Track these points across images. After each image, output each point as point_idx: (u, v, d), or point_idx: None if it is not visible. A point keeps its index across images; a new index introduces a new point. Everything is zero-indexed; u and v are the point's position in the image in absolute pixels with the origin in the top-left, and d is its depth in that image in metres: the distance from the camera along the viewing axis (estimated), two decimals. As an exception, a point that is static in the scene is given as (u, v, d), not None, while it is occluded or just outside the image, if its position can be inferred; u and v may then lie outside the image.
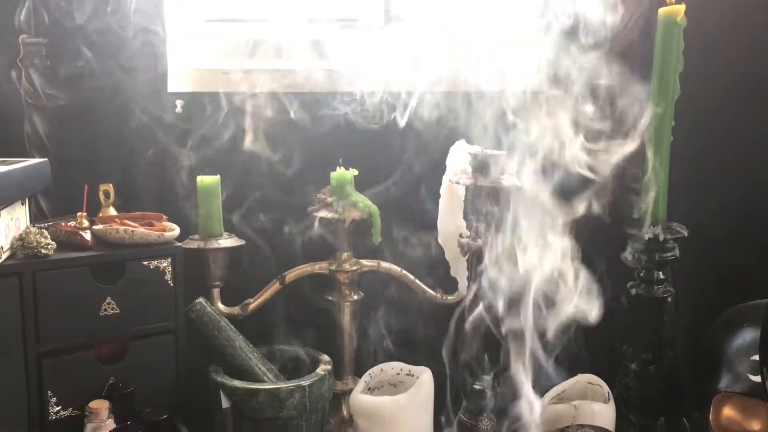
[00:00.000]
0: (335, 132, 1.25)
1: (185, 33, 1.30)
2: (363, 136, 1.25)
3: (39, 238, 1.01)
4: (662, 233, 1.12)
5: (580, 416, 1.06)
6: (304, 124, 1.25)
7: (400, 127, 1.21)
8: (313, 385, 1.09)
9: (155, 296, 1.08)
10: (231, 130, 1.23)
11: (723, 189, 1.29)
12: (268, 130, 1.24)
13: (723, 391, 1.05)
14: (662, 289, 1.15)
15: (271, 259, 1.24)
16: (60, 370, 1.02)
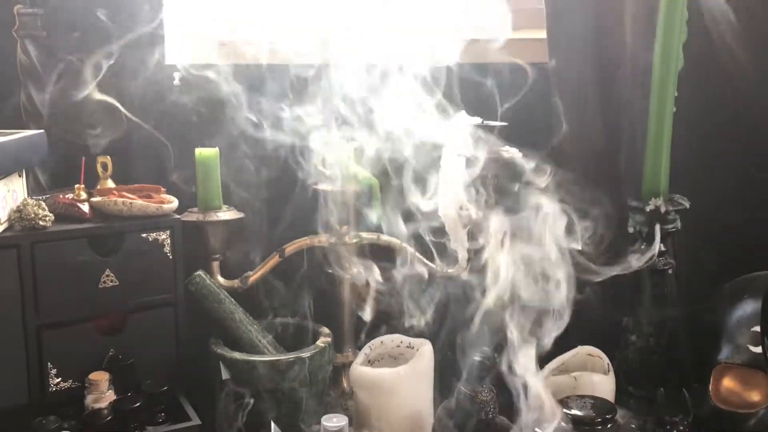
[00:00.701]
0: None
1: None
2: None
3: (37, 210, 1.00)
4: (664, 205, 1.12)
5: (580, 387, 1.06)
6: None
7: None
8: (313, 357, 1.09)
9: (154, 269, 1.08)
10: (229, 103, 1.22)
11: (725, 160, 1.28)
12: (267, 103, 1.23)
13: (723, 362, 1.05)
14: (663, 262, 1.15)
15: (270, 232, 1.24)
16: (60, 342, 1.02)
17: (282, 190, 1.23)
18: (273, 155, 1.23)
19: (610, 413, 0.94)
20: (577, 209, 1.09)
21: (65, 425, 0.96)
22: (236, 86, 1.17)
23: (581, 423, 0.93)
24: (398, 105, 1.13)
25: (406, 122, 1.17)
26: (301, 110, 1.18)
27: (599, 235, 1.11)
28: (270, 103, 1.18)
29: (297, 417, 1.09)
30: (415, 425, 1.10)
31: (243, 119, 1.18)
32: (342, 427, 0.96)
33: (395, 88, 1.13)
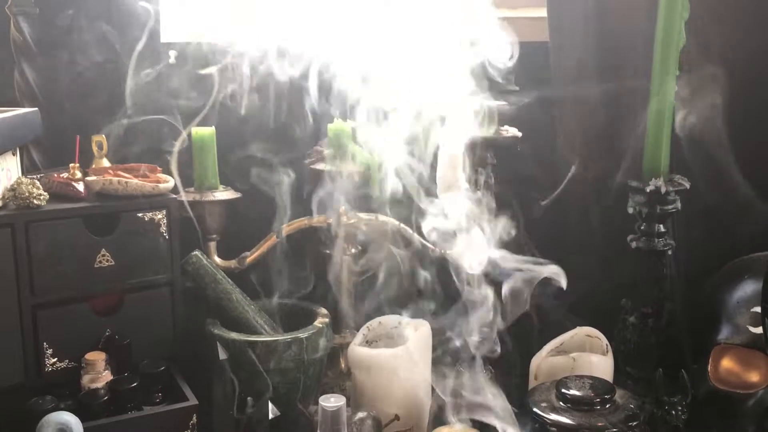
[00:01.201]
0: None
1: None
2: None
3: (31, 189, 0.99)
4: (664, 185, 1.11)
5: (578, 368, 1.05)
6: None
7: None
8: (310, 337, 1.09)
9: (150, 248, 1.07)
10: (227, 80, 1.21)
11: (725, 140, 1.27)
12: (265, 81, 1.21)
13: (722, 342, 1.05)
14: (663, 242, 1.14)
15: (268, 213, 1.23)
16: (55, 321, 1.02)
17: (279, 168, 1.21)
18: (272, 132, 1.23)
19: (608, 393, 0.94)
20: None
21: (61, 405, 0.96)
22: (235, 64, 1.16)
23: (580, 403, 0.93)
24: (398, 84, 1.13)
25: (404, 102, 1.17)
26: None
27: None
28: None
29: (294, 397, 1.08)
30: (414, 405, 1.09)
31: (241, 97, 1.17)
32: (340, 407, 0.95)
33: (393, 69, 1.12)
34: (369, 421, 1.01)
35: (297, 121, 1.22)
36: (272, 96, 1.21)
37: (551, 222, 1.32)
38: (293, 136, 1.23)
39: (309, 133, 1.21)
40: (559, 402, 0.94)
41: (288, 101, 1.22)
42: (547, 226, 1.31)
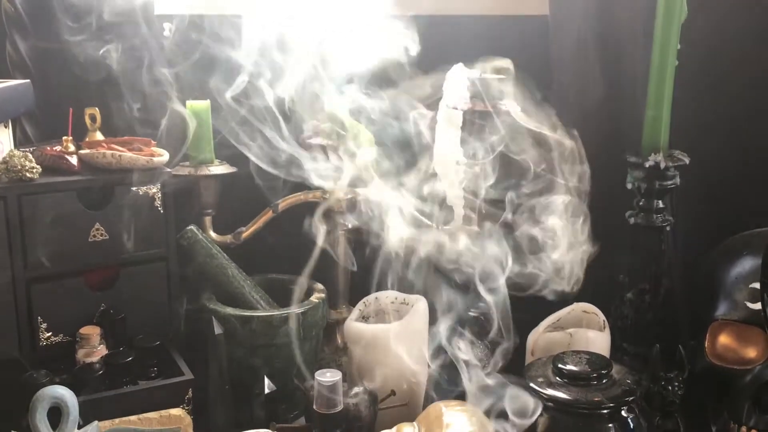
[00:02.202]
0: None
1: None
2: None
3: (24, 162, 0.98)
4: (663, 161, 1.10)
5: (575, 343, 1.05)
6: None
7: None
8: (306, 312, 1.08)
9: (145, 223, 1.06)
10: (224, 54, 1.19)
11: (727, 116, 1.26)
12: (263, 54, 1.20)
13: (720, 318, 1.05)
14: (661, 218, 1.14)
15: (263, 187, 1.22)
16: (50, 296, 1.01)
17: (275, 144, 1.20)
18: (266, 108, 1.21)
19: (605, 368, 0.94)
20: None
21: (56, 379, 0.95)
22: (228, 38, 1.14)
23: (576, 378, 0.93)
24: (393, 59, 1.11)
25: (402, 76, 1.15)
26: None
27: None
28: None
29: (290, 372, 1.08)
30: (410, 381, 1.09)
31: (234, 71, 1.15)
32: (335, 381, 0.95)
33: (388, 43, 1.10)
34: (365, 396, 1.01)
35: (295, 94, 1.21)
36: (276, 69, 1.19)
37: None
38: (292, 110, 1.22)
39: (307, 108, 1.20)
40: (555, 377, 0.94)
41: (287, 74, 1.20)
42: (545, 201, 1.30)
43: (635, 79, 1.21)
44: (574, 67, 1.27)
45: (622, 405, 0.91)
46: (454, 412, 0.94)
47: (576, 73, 1.28)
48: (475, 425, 0.92)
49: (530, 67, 1.17)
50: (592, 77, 1.27)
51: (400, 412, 1.03)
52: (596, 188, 1.30)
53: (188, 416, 0.98)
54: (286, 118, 1.14)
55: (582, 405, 0.90)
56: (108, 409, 0.94)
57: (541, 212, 1.11)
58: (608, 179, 1.26)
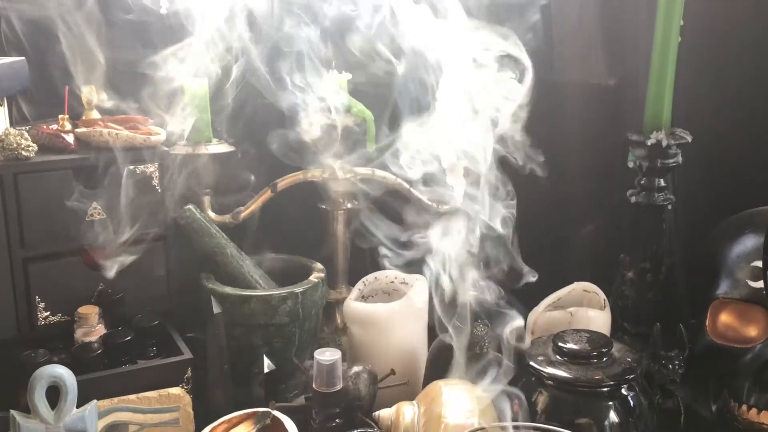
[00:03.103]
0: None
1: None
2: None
3: (19, 140, 0.97)
4: (665, 138, 1.09)
5: (576, 322, 1.05)
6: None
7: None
8: (305, 292, 1.08)
9: (143, 202, 1.05)
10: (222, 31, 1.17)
11: (729, 93, 1.25)
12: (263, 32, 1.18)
13: (721, 297, 1.04)
14: (663, 197, 1.13)
15: (262, 167, 1.21)
16: (47, 275, 1.00)
17: (274, 123, 1.19)
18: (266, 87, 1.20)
19: (605, 347, 0.93)
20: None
21: (54, 359, 0.95)
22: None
23: (577, 356, 0.92)
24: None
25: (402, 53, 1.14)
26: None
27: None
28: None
29: (290, 352, 1.08)
30: (409, 360, 1.09)
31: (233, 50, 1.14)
32: (335, 360, 0.95)
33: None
34: (365, 375, 1.01)
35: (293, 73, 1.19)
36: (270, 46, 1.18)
37: (551, 173, 1.30)
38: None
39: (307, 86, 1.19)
40: (555, 355, 0.94)
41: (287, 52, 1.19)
42: (545, 181, 1.29)
43: (637, 56, 1.20)
44: (575, 44, 1.26)
45: (622, 383, 0.90)
46: (453, 391, 0.94)
47: (577, 51, 1.26)
48: (476, 403, 0.92)
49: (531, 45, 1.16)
50: (594, 54, 1.26)
51: (400, 390, 1.03)
52: (597, 167, 1.30)
53: (187, 395, 0.97)
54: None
55: (582, 383, 0.90)
56: (107, 388, 0.94)
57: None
58: (609, 158, 1.25)
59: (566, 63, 1.26)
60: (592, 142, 1.27)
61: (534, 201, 1.30)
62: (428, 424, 0.91)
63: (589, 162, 1.29)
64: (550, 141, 1.29)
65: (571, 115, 1.27)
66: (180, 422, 0.96)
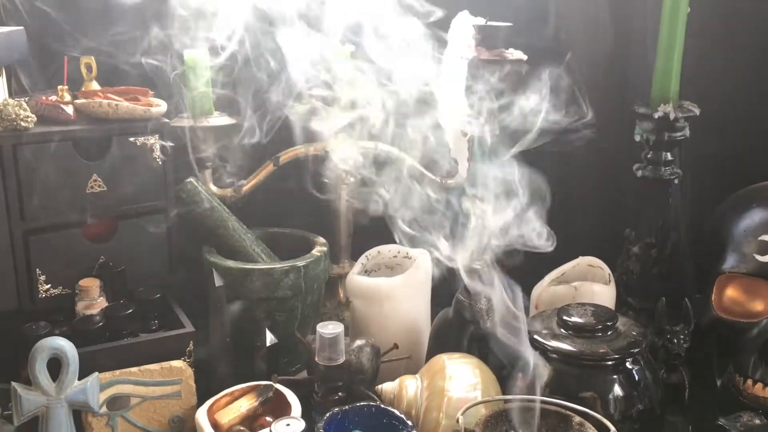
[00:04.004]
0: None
1: None
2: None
3: (18, 111, 0.96)
4: (673, 111, 1.07)
5: (580, 297, 1.04)
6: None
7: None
8: (308, 265, 1.07)
9: (144, 174, 1.04)
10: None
11: (739, 66, 1.23)
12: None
13: (728, 271, 1.03)
14: (669, 171, 1.11)
15: (264, 140, 1.19)
16: (48, 248, 1.00)
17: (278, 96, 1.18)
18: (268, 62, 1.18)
19: (610, 320, 0.92)
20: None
21: (56, 331, 0.95)
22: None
23: (581, 330, 0.91)
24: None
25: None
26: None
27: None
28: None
29: (292, 326, 1.07)
30: (412, 335, 1.08)
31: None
32: (337, 334, 0.94)
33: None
34: (367, 349, 1.00)
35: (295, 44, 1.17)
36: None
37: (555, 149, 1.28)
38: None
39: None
40: (560, 329, 0.93)
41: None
42: (550, 153, 1.28)
43: (645, 27, 1.18)
44: (581, 15, 1.24)
45: (627, 357, 0.89)
46: (457, 364, 0.93)
47: (584, 22, 1.24)
48: (479, 377, 0.91)
49: (537, 16, 1.15)
50: (601, 25, 1.24)
51: (403, 364, 1.03)
52: (603, 141, 1.28)
53: (189, 368, 0.97)
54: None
55: (587, 357, 0.89)
56: (108, 361, 0.93)
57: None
58: (616, 131, 1.23)
59: (572, 34, 1.24)
60: (597, 115, 1.25)
61: (540, 174, 1.29)
62: (431, 398, 0.91)
63: (594, 135, 1.27)
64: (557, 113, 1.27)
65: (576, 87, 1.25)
66: (182, 395, 0.96)
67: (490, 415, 0.81)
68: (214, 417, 0.91)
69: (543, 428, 0.81)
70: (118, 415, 0.93)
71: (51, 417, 0.88)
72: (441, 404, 0.89)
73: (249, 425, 0.92)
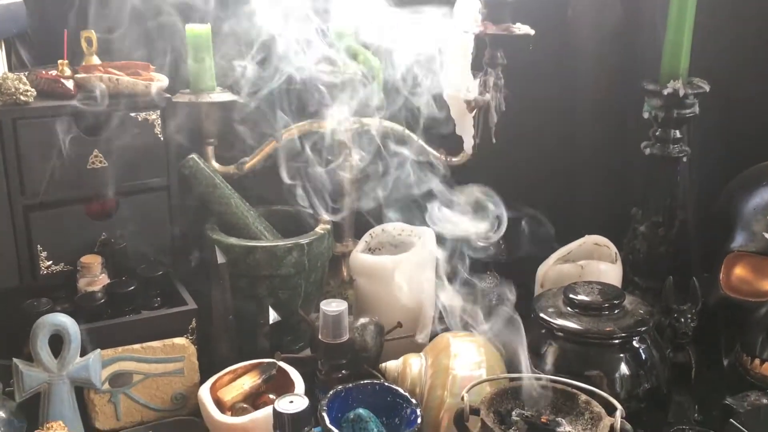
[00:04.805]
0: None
1: None
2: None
3: (17, 84, 0.95)
4: (683, 88, 1.06)
5: (586, 275, 1.03)
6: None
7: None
8: (311, 243, 1.06)
9: (145, 150, 1.03)
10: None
11: (749, 42, 1.20)
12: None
13: (736, 250, 1.02)
14: (678, 149, 1.10)
15: (267, 116, 1.18)
16: (49, 224, 0.99)
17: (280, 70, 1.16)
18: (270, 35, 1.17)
19: (618, 298, 0.91)
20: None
21: (57, 308, 0.94)
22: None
23: (588, 308, 0.90)
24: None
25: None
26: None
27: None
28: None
29: (295, 304, 1.06)
30: (417, 314, 1.07)
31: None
32: (341, 311, 0.94)
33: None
34: (371, 327, 1.00)
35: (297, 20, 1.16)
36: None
37: (562, 126, 1.27)
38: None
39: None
40: (566, 307, 0.92)
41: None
42: (558, 128, 1.26)
43: (655, 1, 1.16)
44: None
45: (634, 335, 0.88)
46: (462, 343, 0.92)
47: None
48: (483, 355, 0.90)
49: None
50: (610, 0, 1.21)
51: (407, 343, 1.02)
52: (611, 117, 1.26)
53: (192, 345, 0.96)
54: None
55: (593, 335, 0.88)
56: (110, 337, 0.93)
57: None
58: (624, 108, 1.22)
59: (581, 7, 1.22)
60: (606, 92, 1.24)
61: (545, 152, 1.28)
62: (436, 376, 0.90)
63: (602, 112, 1.25)
64: (563, 90, 1.26)
65: (584, 63, 1.23)
66: (184, 372, 0.95)
67: (495, 393, 0.80)
68: (216, 394, 0.91)
69: (549, 406, 0.80)
70: (121, 392, 0.93)
71: (53, 393, 0.88)
72: (446, 382, 0.88)
73: (252, 403, 0.92)
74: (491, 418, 0.77)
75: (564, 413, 0.79)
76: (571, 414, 0.79)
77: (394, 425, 0.87)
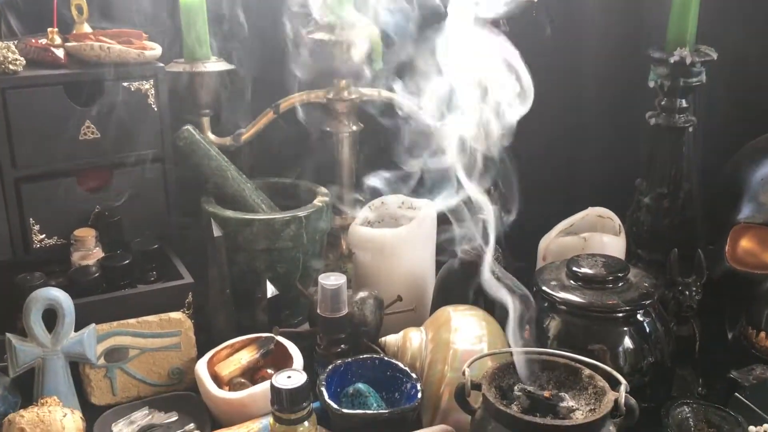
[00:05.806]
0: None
1: None
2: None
3: (6, 53, 0.92)
4: (689, 56, 1.03)
5: (589, 248, 1.01)
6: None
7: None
8: (309, 216, 1.04)
9: (139, 121, 1.01)
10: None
11: (759, 6, 1.17)
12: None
13: (743, 222, 1.00)
14: (684, 119, 1.07)
15: (264, 87, 1.15)
16: (41, 196, 0.97)
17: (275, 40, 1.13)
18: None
19: (621, 271, 0.89)
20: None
21: (51, 282, 0.92)
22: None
23: (591, 281, 0.89)
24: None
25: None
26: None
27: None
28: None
29: (294, 277, 1.05)
30: (417, 287, 1.06)
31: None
32: (340, 285, 0.92)
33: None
34: (370, 301, 0.98)
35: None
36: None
37: (565, 97, 1.24)
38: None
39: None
40: (569, 280, 0.90)
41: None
42: (561, 98, 1.24)
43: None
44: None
45: (638, 309, 0.87)
46: (462, 316, 0.91)
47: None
48: (485, 329, 0.89)
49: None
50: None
51: (407, 317, 1.00)
52: (616, 87, 1.24)
53: (188, 320, 0.95)
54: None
55: (596, 308, 0.86)
56: (106, 312, 0.91)
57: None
58: (629, 77, 1.19)
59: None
60: (610, 59, 1.21)
61: (547, 122, 1.25)
62: (436, 350, 0.88)
63: (606, 80, 1.22)
64: (566, 57, 1.23)
65: (588, 30, 1.21)
66: (181, 347, 0.94)
67: (497, 367, 0.79)
68: (214, 369, 0.90)
69: (552, 381, 0.79)
70: (117, 367, 0.91)
71: (47, 368, 0.86)
72: (446, 357, 0.87)
73: (250, 377, 0.90)
74: (493, 393, 0.76)
75: (567, 388, 0.78)
76: (575, 388, 0.77)
77: (394, 400, 0.86)
